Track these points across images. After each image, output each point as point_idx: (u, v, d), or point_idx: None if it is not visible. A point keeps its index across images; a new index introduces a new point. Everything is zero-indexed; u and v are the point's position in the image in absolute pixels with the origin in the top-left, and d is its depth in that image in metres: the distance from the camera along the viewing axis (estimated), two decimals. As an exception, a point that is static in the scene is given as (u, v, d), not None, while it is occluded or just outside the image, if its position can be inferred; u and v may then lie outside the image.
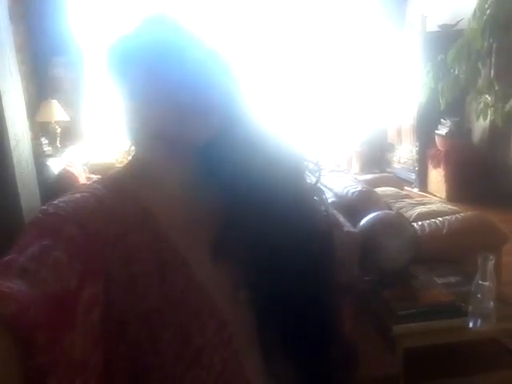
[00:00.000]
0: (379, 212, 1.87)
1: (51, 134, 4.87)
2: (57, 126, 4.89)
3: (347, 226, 1.73)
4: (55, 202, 0.51)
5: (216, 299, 0.53)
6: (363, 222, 1.85)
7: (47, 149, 4.68)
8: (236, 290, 0.55)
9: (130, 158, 0.60)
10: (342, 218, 1.82)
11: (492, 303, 1.70)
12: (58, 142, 4.86)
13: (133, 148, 0.59)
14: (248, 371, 0.53)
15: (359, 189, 2.15)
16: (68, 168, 4.04)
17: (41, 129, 4.89)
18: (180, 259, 0.52)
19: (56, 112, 4.85)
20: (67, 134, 5.01)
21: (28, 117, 4.73)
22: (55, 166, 4.19)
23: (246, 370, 0.53)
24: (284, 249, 0.55)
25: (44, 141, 4.70)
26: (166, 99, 0.51)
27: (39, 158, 4.12)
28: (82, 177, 4.13)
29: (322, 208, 0.62)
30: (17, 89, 1.39)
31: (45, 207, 0.50)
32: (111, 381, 0.46)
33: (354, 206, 2.02)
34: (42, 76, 5.03)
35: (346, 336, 0.63)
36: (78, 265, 0.45)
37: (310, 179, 0.61)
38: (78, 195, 0.52)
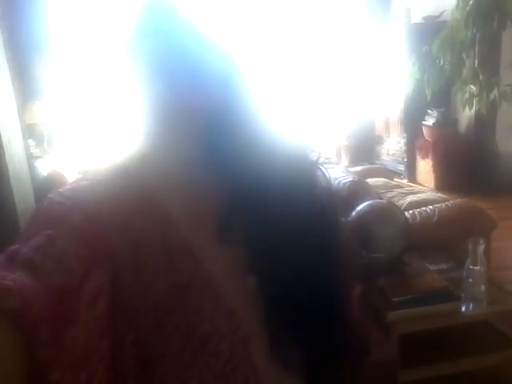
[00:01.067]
0: (371, 201, 1.90)
1: (38, 136, 4.82)
2: (44, 128, 4.84)
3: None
4: (61, 190, 0.50)
5: (223, 286, 0.53)
6: (355, 211, 1.88)
7: (35, 150, 4.64)
8: (243, 276, 0.54)
9: (134, 149, 0.59)
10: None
11: (483, 287, 1.73)
12: (45, 143, 4.82)
13: (136, 140, 0.59)
14: (256, 357, 0.53)
15: (350, 179, 2.17)
16: (57, 169, 4.01)
17: (28, 130, 4.83)
18: (187, 246, 0.52)
19: (43, 113, 4.80)
20: (55, 135, 4.96)
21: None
22: (43, 167, 4.16)
23: (253, 356, 0.53)
24: (289, 230, 0.54)
25: (31, 142, 4.65)
26: (172, 72, 0.52)
27: (27, 159, 4.08)
28: (72, 178, 4.10)
29: (326, 185, 0.61)
30: (7, 85, 1.37)
31: (50, 195, 0.50)
32: (119, 371, 0.46)
33: (345, 197, 2.04)
34: (26, 76, 4.97)
35: (355, 321, 0.63)
36: (84, 254, 0.45)
37: (312, 158, 0.60)
38: (83, 183, 0.52)
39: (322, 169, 0.61)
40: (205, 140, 0.55)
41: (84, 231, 0.46)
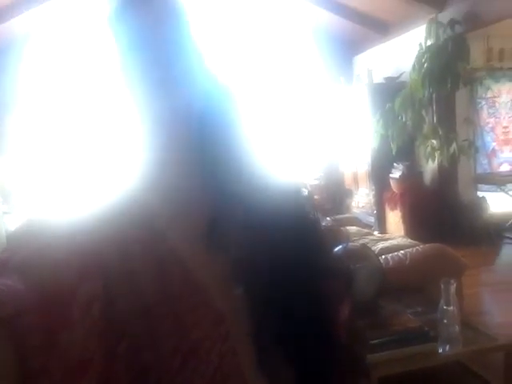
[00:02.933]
0: (345, 244, 1.93)
1: (6, 192, 4.73)
2: (10, 184, 4.76)
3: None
4: (53, 202, 0.52)
5: (212, 293, 0.53)
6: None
7: (2, 206, 4.53)
8: (231, 285, 0.55)
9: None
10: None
11: (457, 327, 1.75)
12: (13, 199, 4.72)
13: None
14: (245, 367, 0.53)
15: (323, 224, 2.21)
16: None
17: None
18: (176, 254, 0.53)
19: (8, 169, 4.74)
20: (18, 191, 4.87)
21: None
22: (12, 223, 4.05)
23: (242, 365, 0.53)
24: (273, 245, 0.55)
25: (-1, 198, 4.55)
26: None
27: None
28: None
29: (309, 205, 0.62)
30: None
31: (41, 209, 0.53)
32: (111, 380, 0.46)
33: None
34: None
35: (345, 339, 0.62)
36: (76, 261, 0.46)
37: (296, 184, 0.63)
38: (76, 195, 0.55)
39: (307, 194, 0.63)
40: (195, 156, 0.57)
41: (75, 241, 0.47)
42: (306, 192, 0.64)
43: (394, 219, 4.91)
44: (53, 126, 5.17)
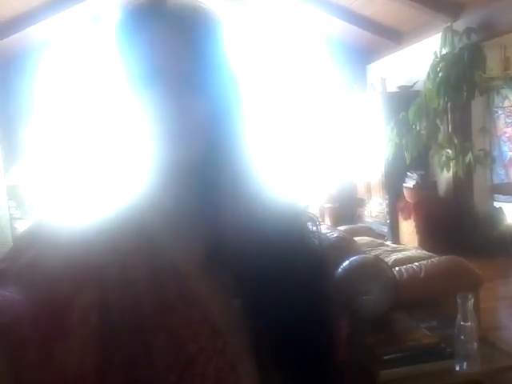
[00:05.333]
0: (357, 256, 1.88)
1: (20, 197, 4.78)
2: (25, 189, 4.81)
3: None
4: (51, 212, 0.52)
5: (209, 307, 0.52)
6: (342, 266, 1.85)
7: (15, 212, 4.57)
8: (229, 298, 0.54)
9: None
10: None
11: (475, 344, 1.69)
12: (26, 205, 4.76)
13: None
14: (243, 381, 0.52)
15: (336, 235, 2.17)
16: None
17: (9, 192, 4.79)
18: (174, 267, 0.52)
19: (24, 175, 4.79)
20: (36, 197, 4.92)
21: (-2, 179, 4.63)
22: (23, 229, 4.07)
23: (241, 379, 0.51)
24: (273, 268, 0.54)
25: (12, 204, 4.59)
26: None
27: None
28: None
29: (315, 231, 0.62)
30: None
31: (40, 216, 0.52)
32: None
33: (331, 252, 2.02)
34: (11, 140, 5.02)
35: (346, 354, 0.62)
36: (73, 272, 0.45)
37: (301, 206, 0.62)
38: (73, 205, 0.54)
39: (313, 217, 0.62)
40: (197, 179, 0.56)
41: (72, 251, 0.47)
42: (310, 213, 0.63)
43: (408, 229, 4.84)
44: (68, 135, 5.22)
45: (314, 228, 0.62)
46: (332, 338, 0.59)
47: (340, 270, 1.88)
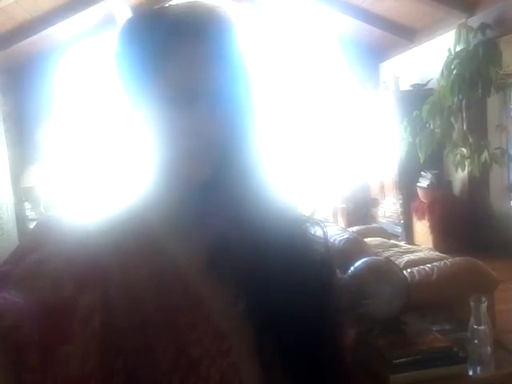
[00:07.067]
0: (367, 258, 1.85)
1: (35, 199, 4.85)
2: (40, 191, 4.87)
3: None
4: (54, 214, 0.53)
5: (213, 310, 0.52)
6: (352, 268, 1.82)
7: (30, 213, 4.64)
8: (233, 301, 0.54)
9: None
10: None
11: (489, 348, 1.65)
12: (41, 206, 4.82)
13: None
14: (247, 383, 0.51)
15: (346, 236, 2.14)
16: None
17: (25, 194, 4.86)
18: (176, 269, 0.52)
19: (40, 176, 4.86)
20: (51, 198, 4.98)
21: (12, 182, 4.74)
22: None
23: (244, 382, 0.51)
24: (279, 271, 0.54)
25: (27, 205, 4.66)
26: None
27: (23, 222, 4.06)
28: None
29: (321, 235, 0.61)
30: (1, 152, 1.39)
31: (43, 219, 0.53)
32: None
33: (341, 254, 2.00)
34: (27, 142, 5.09)
35: (348, 356, 0.61)
36: (75, 273, 0.45)
37: (306, 213, 0.62)
38: (77, 208, 0.55)
39: (320, 223, 0.62)
40: (203, 184, 0.55)
41: (74, 253, 0.47)
42: (316, 219, 0.62)
43: (422, 229, 4.77)
44: (85, 137, 5.27)
45: (321, 233, 0.61)
46: (336, 342, 0.59)
47: (349, 272, 1.85)
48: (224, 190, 0.55)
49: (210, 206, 0.56)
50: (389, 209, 5.43)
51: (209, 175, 0.53)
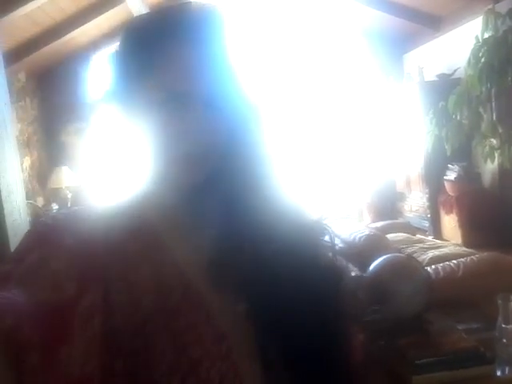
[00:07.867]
0: (388, 255, 1.80)
1: (62, 200, 4.97)
2: (67, 192, 4.99)
3: (355, 271, 1.66)
4: (54, 213, 0.53)
5: (213, 310, 0.52)
6: (372, 266, 1.78)
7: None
8: (234, 301, 0.53)
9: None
10: (348, 264, 1.75)
11: (518, 348, 1.58)
12: (68, 207, 4.93)
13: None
14: None
15: (366, 233, 2.09)
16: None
17: (52, 194, 4.99)
18: (177, 269, 0.52)
19: (67, 178, 4.97)
20: (78, 199, 5.09)
21: (40, 183, 4.88)
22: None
23: (245, 383, 0.51)
24: (281, 272, 0.54)
25: (55, 206, 4.78)
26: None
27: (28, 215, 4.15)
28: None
29: (327, 241, 0.61)
30: (10, 139, 1.43)
31: (43, 219, 0.52)
32: None
33: (361, 251, 1.95)
34: (54, 144, 5.22)
35: (354, 359, 0.60)
36: (76, 274, 0.45)
37: (313, 217, 0.61)
38: (77, 208, 0.55)
39: (327, 228, 0.61)
40: (209, 180, 0.55)
41: (76, 252, 0.47)
42: (324, 225, 0.62)
43: (450, 223, 4.64)
44: (109, 139, 5.35)
45: (328, 239, 0.61)
46: (341, 343, 0.58)
47: (370, 269, 1.81)
48: (224, 190, 0.55)
49: (210, 207, 0.56)
50: (415, 203, 5.31)
51: (204, 177, 0.52)
